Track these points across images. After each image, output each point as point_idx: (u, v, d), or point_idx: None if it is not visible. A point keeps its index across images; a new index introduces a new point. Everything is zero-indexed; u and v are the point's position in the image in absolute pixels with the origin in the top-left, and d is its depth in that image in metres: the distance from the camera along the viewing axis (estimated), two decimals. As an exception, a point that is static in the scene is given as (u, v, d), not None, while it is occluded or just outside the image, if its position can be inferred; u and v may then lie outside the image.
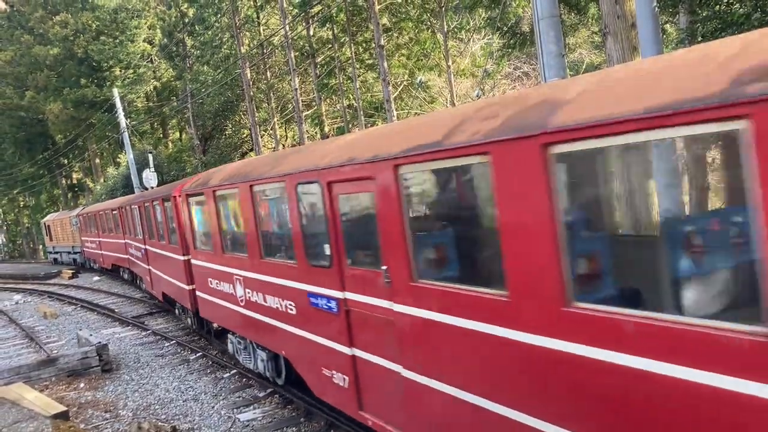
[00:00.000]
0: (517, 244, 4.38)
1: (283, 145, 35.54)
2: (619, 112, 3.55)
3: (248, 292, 9.73)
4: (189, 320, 15.44)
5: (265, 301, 9.10)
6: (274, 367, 9.86)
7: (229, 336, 11.68)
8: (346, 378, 7.13)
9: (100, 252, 30.10)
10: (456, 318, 5.10)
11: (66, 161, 58.42)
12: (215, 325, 13.07)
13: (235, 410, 9.69)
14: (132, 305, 21.30)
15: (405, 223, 5.63)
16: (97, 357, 12.87)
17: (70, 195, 64.13)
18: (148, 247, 18.41)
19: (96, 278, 30.47)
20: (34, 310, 22.98)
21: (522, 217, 4.30)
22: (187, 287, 13.60)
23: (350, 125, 29.66)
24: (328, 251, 6.92)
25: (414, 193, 5.86)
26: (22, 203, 73.12)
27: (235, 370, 11.64)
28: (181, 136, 54.51)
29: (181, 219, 13.35)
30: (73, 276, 32.76)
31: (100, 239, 29.53)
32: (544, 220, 4.10)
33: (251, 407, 9.76)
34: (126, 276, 26.68)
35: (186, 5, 41.79)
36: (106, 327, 18.04)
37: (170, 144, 53.64)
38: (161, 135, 55.01)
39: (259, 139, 34.54)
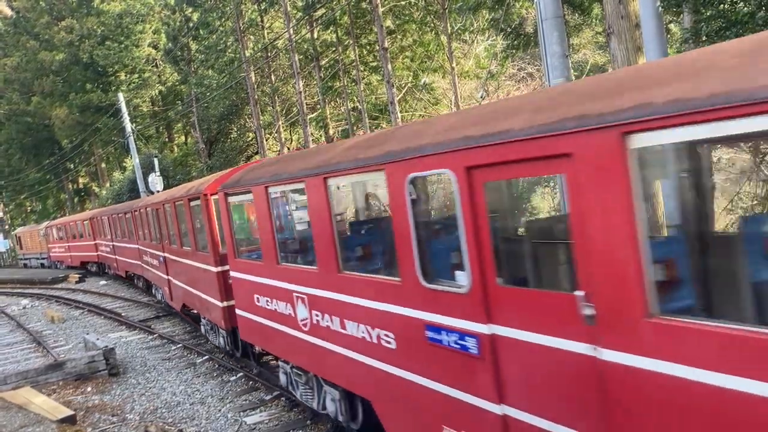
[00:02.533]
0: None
1: (288, 148, 35.59)
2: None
3: (147, 259, 18.67)
4: (141, 283, 24.47)
5: (152, 260, 18.43)
6: (160, 293, 18.61)
7: (154, 286, 20.53)
8: (166, 290, 17.35)
9: (68, 254, 38.01)
10: (182, 258, 14.42)
11: (72, 166, 58.64)
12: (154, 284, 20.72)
13: (241, 413, 9.71)
14: (138, 309, 21.36)
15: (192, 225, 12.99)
16: (104, 361, 12.92)
17: (76, 199, 64.34)
18: (115, 243, 27.09)
19: (102, 282, 30.57)
20: (41, 314, 23.07)
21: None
22: (138, 263, 21.90)
23: (355, 128, 29.68)
24: (157, 234, 16.98)
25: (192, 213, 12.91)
26: (29, 208, 73.44)
27: (241, 373, 11.66)
28: (186, 139, 54.63)
29: (134, 225, 21.52)
30: (80, 280, 32.90)
31: (69, 243, 37.39)
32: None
33: (257, 410, 9.78)
34: (94, 269, 34.57)
35: (190, 10, 41.91)
36: (113, 331, 18.09)
37: (176, 148, 53.77)
38: (167, 139, 55.16)
39: (264, 142, 34.61)
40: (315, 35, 30.36)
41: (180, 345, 14.83)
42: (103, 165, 57.25)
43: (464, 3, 21.09)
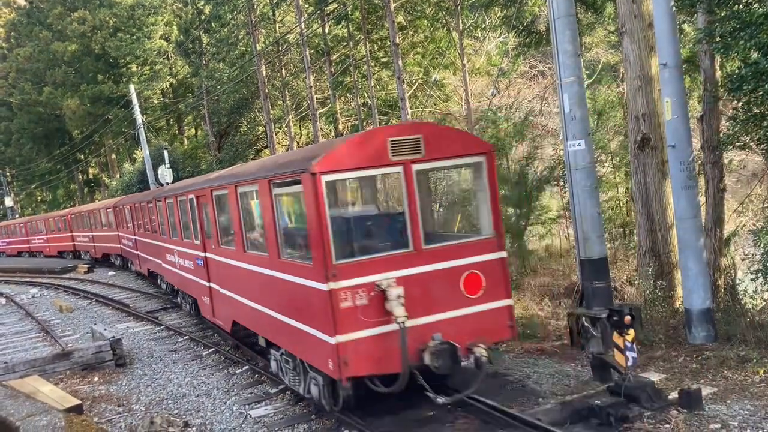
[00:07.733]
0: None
1: (298, 143, 35.61)
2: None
3: (79, 238, 35.04)
4: (69, 256, 37.46)
5: (83, 238, 34.91)
6: (88, 256, 28.81)
7: (82, 251, 31.23)
8: (92, 249, 33.82)
9: (8, 246, 51.87)
10: (104, 233, 30.95)
11: (82, 157, 58.93)
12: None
13: (246, 406, 9.74)
14: (146, 300, 21.47)
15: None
16: (111, 351, 12.98)
17: (86, 190, 64.72)
18: (48, 236, 40.92)
19: (111, 273, 30.74)
20: (50, 303, 23.23)
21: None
22: (70, 243, 37.12)
23: (364, 123, 29.65)
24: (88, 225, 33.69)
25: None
26: (39, 198, 73.89)
27: (247, 366, 11.70)
28: (196, 132, 54.78)
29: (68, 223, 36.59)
30: (89, 270, 33.10)
31: (10, 239, 51.36)
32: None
33: (263, 403, 9.81)
34: (26, 255, 46.38)
35: (202, 2, 41.96)
36: (121, 321, 18.19)
37: (186, 140, 53.92)
38: (177, 131, 55.32)
39: (274, 136, 34.64)
40: (326, 30, 30.33)
41: (186, 337, 14.89)
42: (114, 156, 57.49)
43: (476, 0, 21.00)
